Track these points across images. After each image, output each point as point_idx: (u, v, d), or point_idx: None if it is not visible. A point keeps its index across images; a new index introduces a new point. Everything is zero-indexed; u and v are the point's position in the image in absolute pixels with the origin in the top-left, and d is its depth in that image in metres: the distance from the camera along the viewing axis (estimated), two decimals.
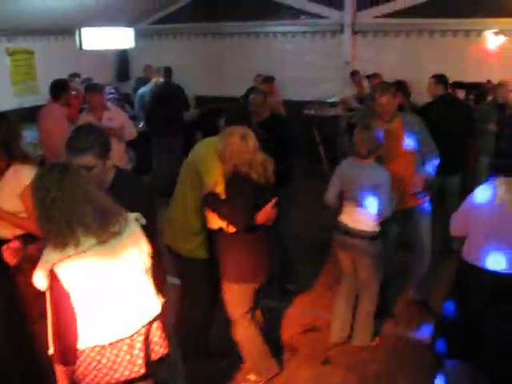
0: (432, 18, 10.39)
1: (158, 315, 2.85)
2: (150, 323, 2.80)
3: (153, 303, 2.82)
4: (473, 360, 3.70)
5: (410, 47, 10.65)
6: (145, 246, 2.78)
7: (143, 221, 2.80)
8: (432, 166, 5.12)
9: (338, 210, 4.76)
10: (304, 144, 9.44)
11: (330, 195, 4.76)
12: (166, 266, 3.96)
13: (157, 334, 2.85)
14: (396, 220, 5.07)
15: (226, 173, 3.83)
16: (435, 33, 10.48)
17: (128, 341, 2.69)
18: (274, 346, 4.60)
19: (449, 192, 6.66)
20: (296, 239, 6.06)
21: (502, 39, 9.98)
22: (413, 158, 5.02)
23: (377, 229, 4.58)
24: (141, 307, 2.74)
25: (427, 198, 5.22)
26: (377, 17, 10.91)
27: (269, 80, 8.96)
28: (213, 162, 3.99)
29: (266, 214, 3.82)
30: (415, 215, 5.22)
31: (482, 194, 3.65)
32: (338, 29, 11.19)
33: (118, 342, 2.66)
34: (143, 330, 2.75)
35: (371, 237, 4.55)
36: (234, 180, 3.79)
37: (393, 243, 5.25)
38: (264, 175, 3.79)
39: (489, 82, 8.95)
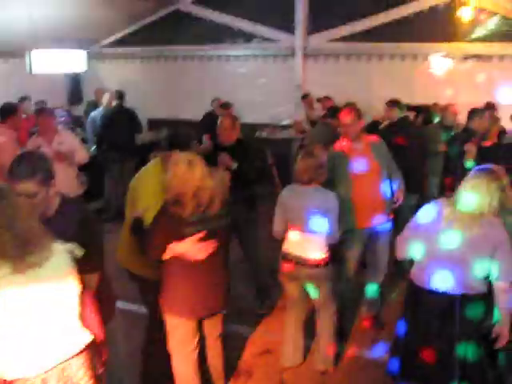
0: (381, 42, 10.66)
1: (81, 352, 2.70)
2: (69, 360, 2.64)
3: (74, 339, 2.68)
4: (426, 381, 3.72)
5: (360, 71, 10.86)
6: (71, 279, 2.64)
7: (78, 252, 2.66)
8: (398, 185, 5.26)
9: (284, 240, 4.60)
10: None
11: (278, 227, 4.62)
12: (119, 293, 3.91)
13: (79, 372, 2.68)
14: (358, 240, 5.14)
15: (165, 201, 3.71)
16: (384, 56, 10.74)
17: (39, 380, 2.53)
18: (230, 368, 4.55)
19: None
20: None
21: (448, 63, 10.28)
22: (379, 178, 5.13)
23: (327, 254, 4.48)
24: (57, 344, 2.59)
25: (390, 218, 5.31)
26: (327, 41, 11.11)
27: (226, 106, 9.00)
28: (149, 186, 4.01)
29: (187, 246, 3.63)
30: (377, 234, 5.29)
31: (427, 214, 3.70)
32: (290, 52, 11.35)
33: (27, 379, 2.51)
34: (59, 368, 2.60)
35: (322, 263, 4.45)
36: (160, 210, 3.70)
37: (353, 265, 5.28)
38: (209, 204, 3.64)
39: (436, 104, 9.17)
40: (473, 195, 3.50)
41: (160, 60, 12.66)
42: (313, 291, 4.57)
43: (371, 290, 5.59)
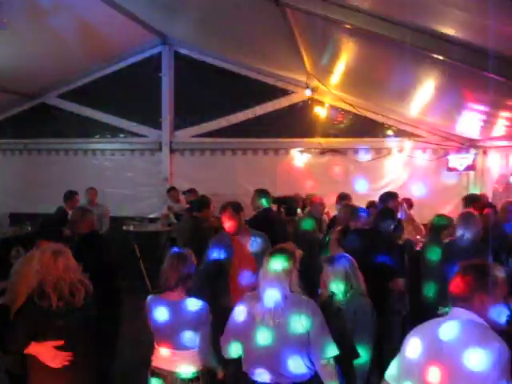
0: (244, 137, 11.14)
1: None
2: None
3: None
4: None
5: (225, 164, 11.23)
6: None
7: None
8: None
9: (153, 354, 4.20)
10: (124, 260, 9.31)
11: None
12: None
13: None
14: None
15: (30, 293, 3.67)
16: (248, 151, 11.19)
17: None
18: None
19: None
20: (123, 361, 5.84)
21: (306, 157, 10.90)
22: (252, 271, 5.14)
23: (200, 368, 4.05)
24: None
25: None
26: (193, 136, 11.43)
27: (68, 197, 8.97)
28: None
29: (43, 350, 3.56)
30: None
31: (241, 311, 3.74)
32: (157, 147, 11.53)
33: None
34: None
35: (193, 378, 4.03)
36: (25, 302, 3.64)
37: None
38: (69, 299, 3.64)
39: (297, 194, 9.59)
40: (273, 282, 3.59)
41: (24, 153, 12.35)
42: None
43: None
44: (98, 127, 11.87)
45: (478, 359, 2.48)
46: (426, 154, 10.50)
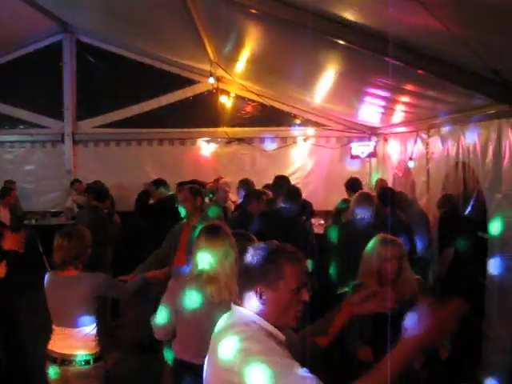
0: (150, 128, 10.99)
1: None
2: None
3: None
4: None
5: (130, 155, 11.03)
6: None
7: None
8: None
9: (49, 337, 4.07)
10: (27, 256, 8.96)
11: None
12: None
13: None
14: None
15: None
16: (154, 141, 11.05)
17: None
18: None
19: None
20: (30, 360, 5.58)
21: (213, 146, 10.91)
22: None
23: (98, 349, 4.02)
24: None
25: None
26: (97, 127, 11.14)
27: None
28: None
29: None
30: None
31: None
32: (59, 138, 11.15)
33: None
34: None
35: (91, 360, 3.96)
36: None
37: None
38: None
39: (203, 182, 9.52)
40: (206, 254, 3.45)
41: None
42: None
43: None
44: None
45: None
46: (330, 142, 10.76)
